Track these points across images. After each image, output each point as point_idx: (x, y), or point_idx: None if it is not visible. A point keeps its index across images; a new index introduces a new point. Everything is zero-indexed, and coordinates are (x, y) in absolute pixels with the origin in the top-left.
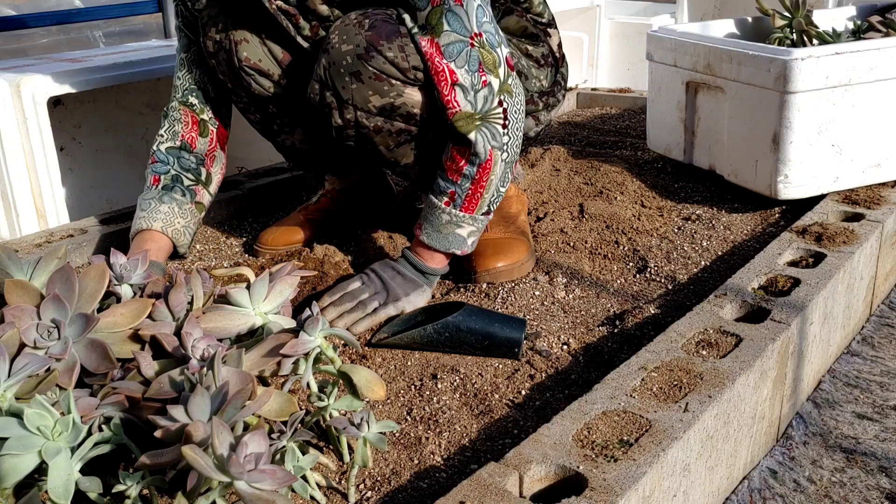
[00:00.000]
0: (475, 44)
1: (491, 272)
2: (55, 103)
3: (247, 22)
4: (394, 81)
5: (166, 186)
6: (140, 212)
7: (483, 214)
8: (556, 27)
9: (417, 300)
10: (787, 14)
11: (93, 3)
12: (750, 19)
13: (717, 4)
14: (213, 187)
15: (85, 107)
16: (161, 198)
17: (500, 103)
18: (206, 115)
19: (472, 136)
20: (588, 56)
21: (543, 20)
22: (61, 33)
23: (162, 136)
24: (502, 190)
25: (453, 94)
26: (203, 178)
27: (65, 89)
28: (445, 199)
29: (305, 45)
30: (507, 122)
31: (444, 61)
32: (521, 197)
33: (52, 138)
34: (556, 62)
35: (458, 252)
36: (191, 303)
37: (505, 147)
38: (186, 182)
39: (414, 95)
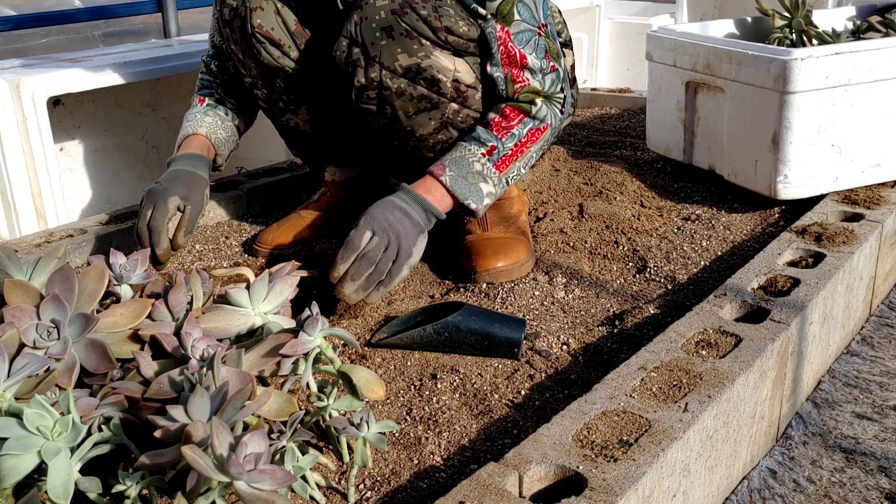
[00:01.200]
0: (542, 33)
1: (491, 272)
2: (55, 103)
3: None
4: (423, 41)
5: (210, 105)
6: (186, 123)
7: (506, 182)
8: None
9: (421, 247)
10: (786, 14)
11: (93, 3)
12: (749, 19)
13: (716, 4)
14: (249, 119)
15: (85, 107)
16: (206, 111)
17: (562, 90)
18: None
19: (537, 101)
20: (588, 56)
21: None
22: (61, 33)
23: (203, 72)
24: (525, 170)
25: (523, 73)
26: (241, 108)
27: (65, 89)
28: (484, 150)
29: (341, 6)
30: (563, 108)
31: (517, 46)
32: (521, 197)
33: (51, 138)
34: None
35: (472, 206)
36: (190, 303)
37: (555, 127)
38: (229, 105)
39: (441, 59)
